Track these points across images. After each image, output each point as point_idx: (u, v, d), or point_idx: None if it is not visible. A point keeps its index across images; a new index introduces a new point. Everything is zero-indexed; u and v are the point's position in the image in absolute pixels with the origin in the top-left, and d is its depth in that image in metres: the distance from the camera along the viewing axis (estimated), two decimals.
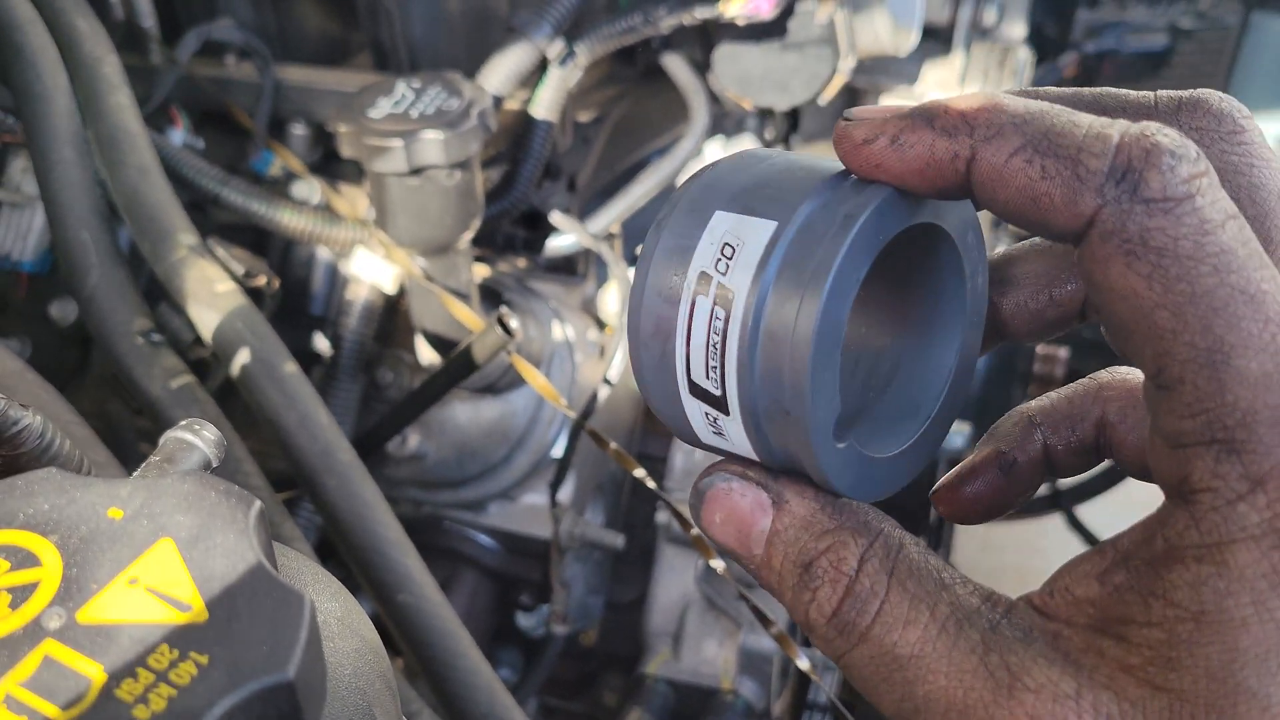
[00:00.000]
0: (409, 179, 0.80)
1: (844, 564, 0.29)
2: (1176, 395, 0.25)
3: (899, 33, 1.03)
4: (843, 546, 0.29)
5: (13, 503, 0.31)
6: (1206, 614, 0.24)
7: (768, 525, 0.31)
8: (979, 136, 0.27)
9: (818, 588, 0.29)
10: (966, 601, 0.28)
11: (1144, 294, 0.25)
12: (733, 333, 0.29)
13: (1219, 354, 0.24)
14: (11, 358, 0.63)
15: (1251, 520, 0.24)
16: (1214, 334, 0.24)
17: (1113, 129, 0.25)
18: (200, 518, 0.30)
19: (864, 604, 0.29)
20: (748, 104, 1.07)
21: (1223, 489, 0.24)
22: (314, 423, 0.70)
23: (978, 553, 2.15)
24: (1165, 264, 0.24)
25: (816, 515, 0.30)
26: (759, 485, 0.31)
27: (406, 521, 0.70)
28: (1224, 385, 0.24)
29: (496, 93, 0.92)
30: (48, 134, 0.76)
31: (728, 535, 0.31)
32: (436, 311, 0.92)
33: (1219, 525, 0.24)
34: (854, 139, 0.29)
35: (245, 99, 1.01)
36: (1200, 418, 0.24)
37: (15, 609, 0.28)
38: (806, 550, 0.30)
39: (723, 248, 0.30)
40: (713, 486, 0.32)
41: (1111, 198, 0.25)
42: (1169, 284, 0.24)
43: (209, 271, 0.74)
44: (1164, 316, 0.24)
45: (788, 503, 0.31)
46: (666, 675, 1.08)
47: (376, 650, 0.36)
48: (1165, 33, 1.53)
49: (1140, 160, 0.24)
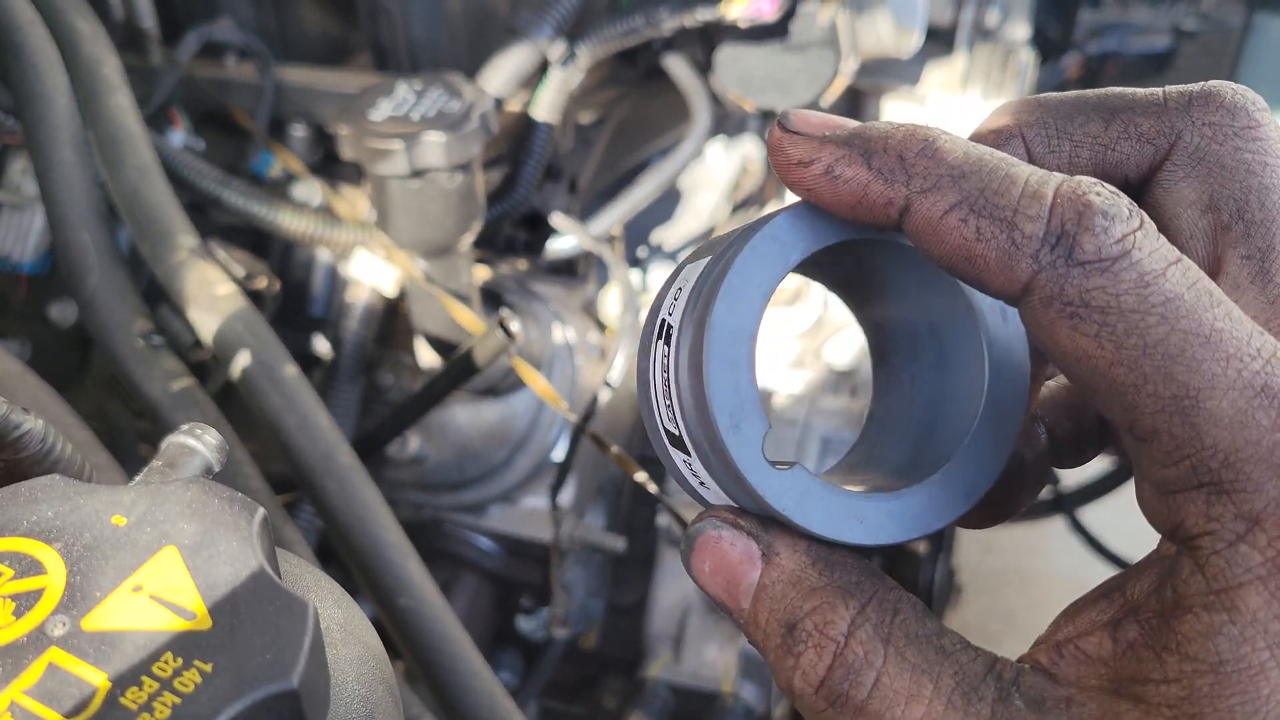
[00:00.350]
0: (410, 181, 0.80)
1: (831, 628, 0.27)
2: (1155, 446, 0.24)
3: (901, 34, 1.03)
4: (830, 608, 0.27)
5: (16, 510, 0.31)
6: (1224, 664, 0.23)
7: (756, 578, 0.29)
8: (915, 187, 0.26)
9: (801, 652, 0.27)
10: (970, 670, 0.26)
11: (1096, 354, 0.24)
12: (671, 366, 0.30)
13: (1186, 400, 0.23)
14: (12, 360, 0.63)
15: (1255, 561, 0.23)
16: (1177, 381, 0.23)
17: (1048, 186, 0.25)
18: (203, 525, 0.30)
19: (857, 674, 0.26)
20: (749, 105, 1.07)
21: (1220, 531, 0.24)
22: (314, 426, 0.70)
23: (980, 556, 2.15)
24: (1111, 321, 0.24)
25: (805, 571, 0.28)
26: (749, 535, 0.29)
27: (407, 524, 0.70)
28: (1199, 430, 0.23)
29: (497, 94, 0.91)
30: (48, 135, 0.76)
31: (716, 586, 0.29)
32: (437, 314, 0.92)
33: (1223, 570, 0.23)
34: (789, 156, 0.28)
35: (245, 100, 1.01)
36: (1183, 464, 0.24)
37: (20, 616, 0.28)
38: (792, 609, 0.28)
39: (674, 293, 0.31)
40: (703, 533, 0.30)
41: (1047, 263, 0.24)
42: (1119, 340, 0.24)
43: (209, 274, 0.74)
44: (1121, 373, 0.24)
45: (778, 555, 0.29)
46: (667, 678, 1.08)
47: (379, 656, 0.36)
48: (1168, 34, 1.53)
49: (1073, 223, 0.24)
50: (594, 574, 1.14)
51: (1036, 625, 0.29)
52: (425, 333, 0.97)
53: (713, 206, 1.29)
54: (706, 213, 1.29)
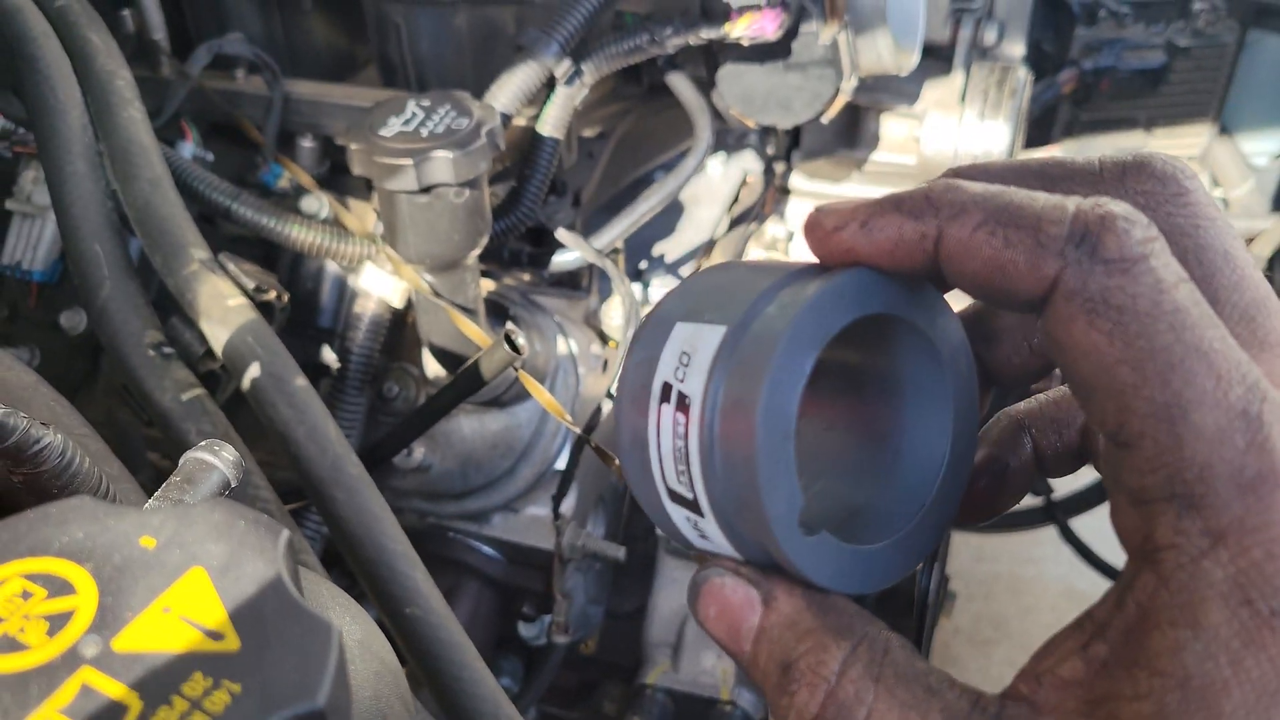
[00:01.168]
0: (418, 197, 0.81)
1: (823, 667, 0.29)
2: (1137, 451, 0.25)
3: (900, 53, 1.04)
4: (822, 649, 0.29)
5: (47, 531, 0.32)
6: (1190, 679, 0.24)
7: (755, 623, 0.30)
8: (944, 216, 0.28)
9: (795, 690, 0.29)
10: (956, 707, 0.27)
11: (1105, 350, 0.25)
12: (693, 437, 0.31)
13: (1176, 409, 0.25)
14: (26, 371, 0.64)
15: (1216, 577, 0.24)
16: (1172, 389, 0.25)
17: (1068, 201, 0.27)
18: (230, 547, 0.31)
19: (849, 711, 0.28)
20: (751, 122, 1.08)
21: (1185, 545, 0.24)
22: (323, 437, 0.71)
23: (972, 563, 2.16)
24: (1125, 321, 0.25)
25: (801, 614, 0.30)
26: (750, 582, 0.31)
27: (411, 532, 0.71)
28: (1181, 440, 0.24)
29: (504, 111, 0.93)
30: (61, 147, 0.77)
31: (720, 630, 0.31)
32: (444, 326, 0.93)
33: (1186, 584, 0.24)
34: (825, 227, 0.30)
35: (254, 112, 1.02)
36: (1160, 472, 0.25)
37: (52, 636, 0.29)
38: (788, 650, 0.29)
39: (680, 356, 0.32)
40: (708, 580, 0.32)
41: (1073, 259, 0.26)
42: (1129, 340, 0.25)
43: (220, 286, 0.75)
44: (1125, 372, 0.25)
45: (776, 600, 0.30)
46: (665, 685, 1.09)
47: (395, 672, 0.37)
48: (1163, 50, 1.55)
49: (1096, 225, 0.26)
50: (594, 582, 1.15)
51: (1028, 631, 0.31)
52: (432, 345, 0.98)
53: (713, 219, 1.31)
54: (707, 226, 1.31)
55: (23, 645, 0.28)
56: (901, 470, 0.35)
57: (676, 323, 0.33)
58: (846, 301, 0.30)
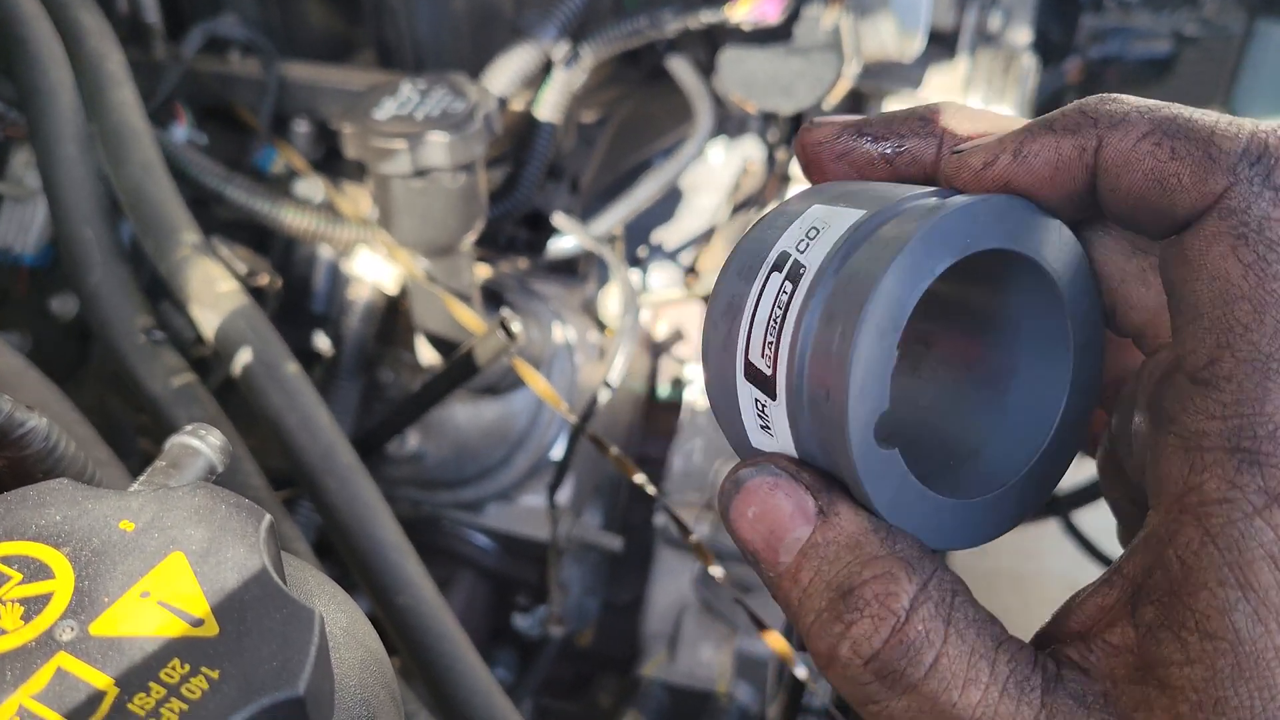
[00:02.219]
0: (413, 181, 0.80)
1: (894, 600, 0.26)
2: (1215, 393, 0.24)
3: (904, 38, 1.03)
4: (893, 580, 0.26)
5: (25, 513, 0.31)
6: (1242, 645, 0.23)
7: (805, 535, 0.27)
8: (1104, 125, 0.27)
9: (854, 621, 0.26)
10: (1021, 659, 0.26)
11: (1236, 281, 0.24)
12: (794, 306, 0.29)
13: (1275, 361, 0.24)
14: (13, 355, 0.63)
15: (1268, 538, 0.23)
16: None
17: (1244, 120, 0.25)
18: (211, 531, 0.31)
19: (917, 652, 0.25)
20: (751, 107, 1.07)
21: (1239, 501, 0.24)
22: (315, 424, 0.70)
23: (973, 558, 2.15)
24: (1270, 258, 0.24)
25: (867, 537, 0.27)
26: (808, 490, 0.28)
27: (405, 521, 0.71)
28: (1269, 394, 0.24)
29: (501, 94, 0.92)
30: (52, 130, 0.76)
31: (755, 533, 0.28)
32: (438, 312, 0.92)
33: (1236, 541, 0.23)
34: (972, 166, 0.29)
35: (249, 95, 1.01)
36: (1232, 421, 0.24)
37: (28, 621, 0.28)
38: (849, 574, 0.26)
39: (808, 231, 0.30)
40: (754, 478, 0.28)
41: (1244, 177, 0.25)
42: (1263, 279, 0.24)
43: (212, 271, 0.74)
44: (1245, 309, 0.24)
45: (838, 515, 0.27)
46: (662, 678, 1.08)
47: (381, 660, 0.36)
48: (1169, 39, 1.54)
49: (1277, 145, 0.24)
50: (590, 572, 1.14)
51: (1029, 626, 0.29)
52: (426, 331, 0.97)
53: (713, 207, 1.30)
54: (707, 213, 1.30)
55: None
56: (1010, 418, 0.32)
57: (814, 204, 0.31)
58: (987, 224, 0.28)
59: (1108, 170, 0.27)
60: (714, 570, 0.79)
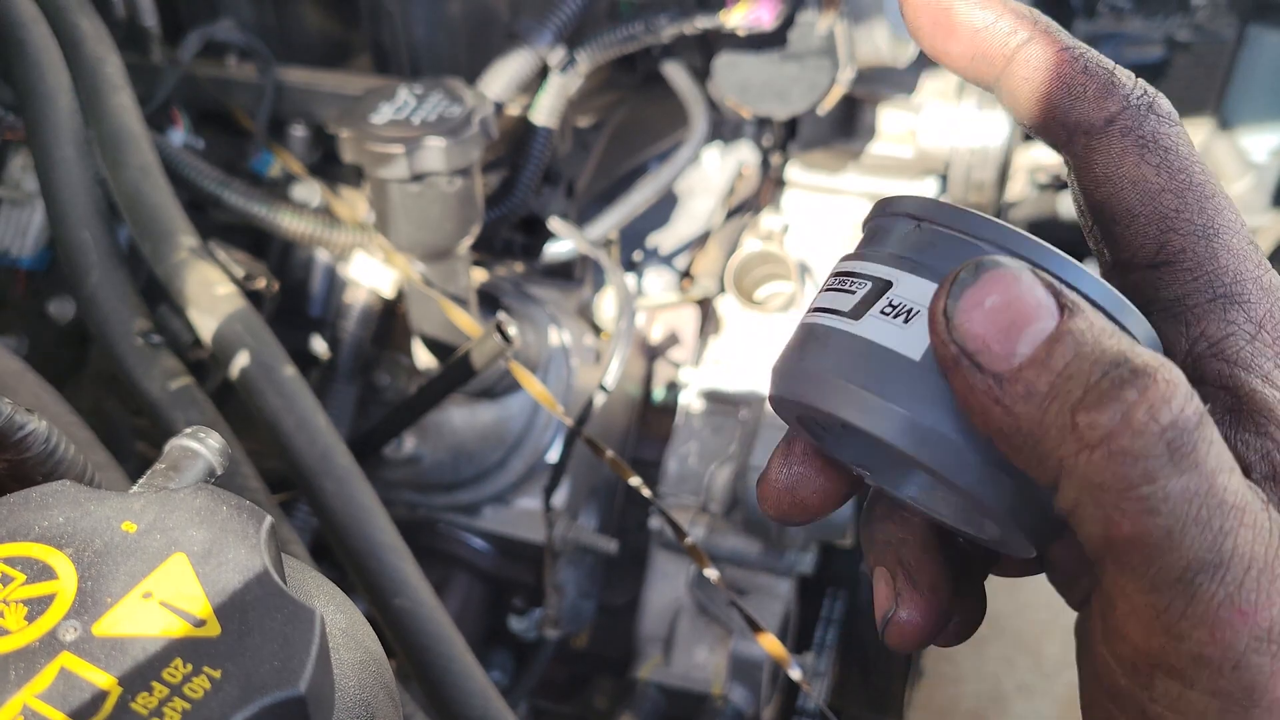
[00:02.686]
0: (410, 185, 0.81)
1: (1175, 372, 0.25)
2: (1178, 265, 0.30)
3: (898, 44, 1.04)
4: (1167, 368, 0.25)
5: (28, 515, 0.31)
6: None
7: (1050, 327, 0.26)
8: (1040, 28, 0.32)
9: (1147, 386, 0.24)
10: (1270, 462, 0.27)
11: (1153, 180, 0.30)
12: None
13: (1211, 230, 0.30)
14: (12, 358, 0.64)
15: (1268, 354, 0.29)
16: (1206, 215, 0.30)
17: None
18: (212, 532, 0.31)
19: (1208, 425, 0.25)
20: (747, 112, 1.08)
21: (1239, 332, 0.29)
22: (312, 427, 0.70)
23: None
24: (1170, 159, 0.30)
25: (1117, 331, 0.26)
26: (1049, 290, 0.26)
27: (401, 523, 0.71)
28: (1215, 254, 0.30)
29: (498, 99, 0.92)
30: (50, 133, 0.77)
31: (990, 324, 0.26)
32: (435, 316, 0.93)
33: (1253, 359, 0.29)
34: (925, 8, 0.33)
35: (246, 100, 1.02)
36: (1201, 279, 0.30)
37: (31, 621, 0.29)
38: (1118, 350, 0.25)
39: None
40: (1000, 267, 0.26)
41: (1135, 104, 0.31)
42: (1173, 174, 0.30)
43: (209, 274, 0.75)
44: (1169, 199, 0.30)
45: (1084, 311, 0.26)
46: (657, 680, 1.09)
47: (380, 661, 0.37)
48: (1162, 45, 1.54)
49: (1154, 93, 0.31)
50: (586, 575, 1.15)
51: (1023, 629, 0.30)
52: (423, 334, 0.97)
53: (708, 211, 1.30)
54: (702, 218, 1.30)
55: (1, 630, 0.28)
56: None
57: None
58: None
59: (1028, 63, 0.32)
60: (709, 573, 0.79)
